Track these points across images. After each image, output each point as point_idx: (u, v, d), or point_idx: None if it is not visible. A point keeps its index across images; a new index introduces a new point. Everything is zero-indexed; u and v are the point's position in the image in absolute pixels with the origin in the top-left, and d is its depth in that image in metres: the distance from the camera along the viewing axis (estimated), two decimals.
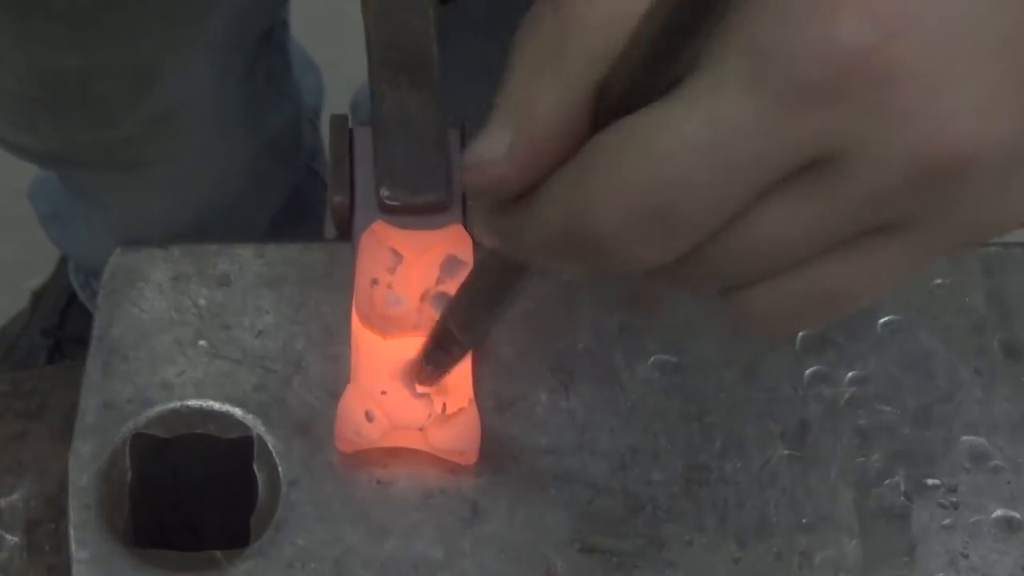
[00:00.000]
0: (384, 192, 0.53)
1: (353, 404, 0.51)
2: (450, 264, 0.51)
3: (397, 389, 0.50)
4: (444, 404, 0.50)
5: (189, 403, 0.52)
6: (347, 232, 0.55)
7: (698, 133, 0.33)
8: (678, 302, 0.56)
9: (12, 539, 0.53)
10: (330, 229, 0.75)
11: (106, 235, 0.98)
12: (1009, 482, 0.53)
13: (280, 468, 0.51)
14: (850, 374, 0.55)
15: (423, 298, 0.51)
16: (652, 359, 0.55)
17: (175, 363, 0.53)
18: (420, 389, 0.51)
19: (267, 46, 0.90)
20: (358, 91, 1.20)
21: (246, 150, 0.95)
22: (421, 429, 0.50)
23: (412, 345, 0.50)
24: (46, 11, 0.70)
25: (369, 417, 0.50)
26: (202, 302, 0.55)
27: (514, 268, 0.42)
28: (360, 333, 0.51)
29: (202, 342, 0.54)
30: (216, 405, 0.52)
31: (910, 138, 0.33)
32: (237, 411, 0.52)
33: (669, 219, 0.34)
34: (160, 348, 0.53)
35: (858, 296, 0.37)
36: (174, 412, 0.52)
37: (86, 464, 0.51)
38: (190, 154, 0.87)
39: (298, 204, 1.09)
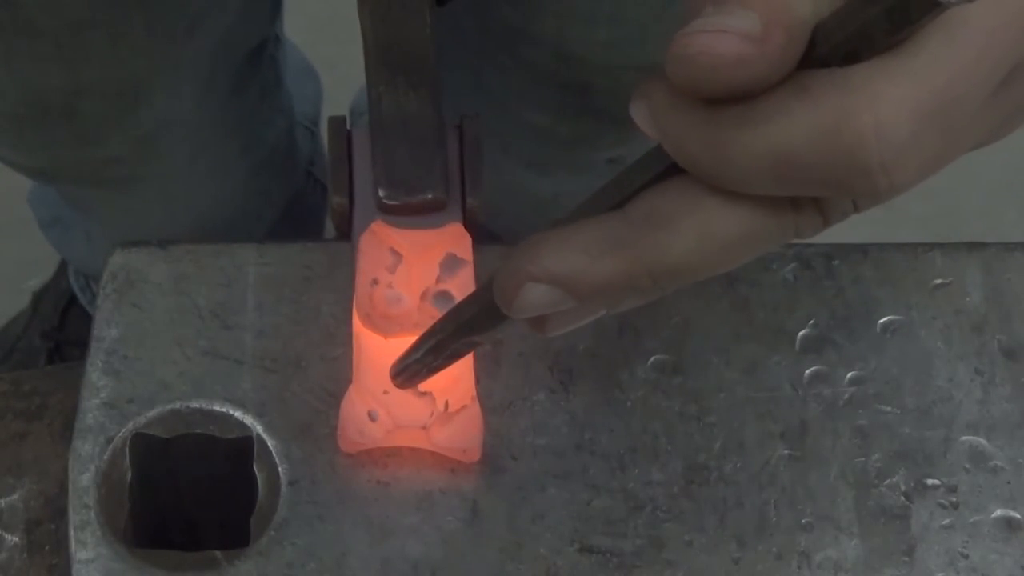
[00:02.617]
0: (383, 192, 0.53)
1: (356, 404, 0.51)
2: (450, 263, 0.51)
3: (400, 389, 0.50)
4: (447, 402, 0.50)
5: (189, 403, 0.52)
6: (347, 232, 0.55)
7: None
8: (678, 302, 0.56)
9: (12, 539, 0.53)
10: (330, 231, 0.74)
11: (104, 243, 0.98)
12: (1009, 482, 0.53)
13: (280, 468, 0.51)
14: (850, 374, 0.55)
15: (424, 297, 0.51)
16: (652, 359, 0.55)
17: (175, 363, 0.53)
18: (422, 388, 0.51)
19: (258, 62, 0.89)
20: (356, 99, 1.20)
21: (241, 165, 0.94)
22: (424, 428, 0.50)
23: None
24: (30, 29, 0.70)
25: (372, 417, 0.50)
26: (202, 302, 0.55)
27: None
28: (361, 333, 0.51)
29: (202, 342, 0.54)
30: (216, 405, 0.52)
31: None
32: (237, 411, 0.52)
33: (951, 121, 0.34)
34: (160, 348, 0.53)
35: None
36: (174, 412, 0.52)
37: (86, 464, 0.51)
38: (181, 171, 0.87)
39: (298, 210, 1.09)
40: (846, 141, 0.33)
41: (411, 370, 0.48)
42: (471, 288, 0.51)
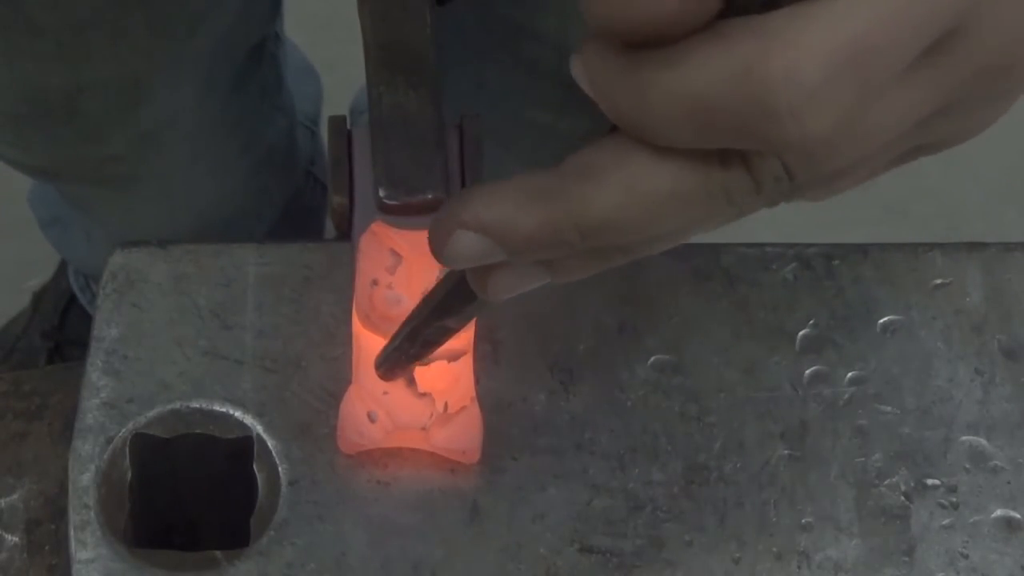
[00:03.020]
0: (383, 192, 0.53)
1: (355, 405, 0.51)
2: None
3: (399, 389, 0.50)
4: (446, 404, 0.50)
5: (189, 403, 0.52)
6: (347, 232, 0.55)
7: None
8: (678, 302, 0.56)
9: (12, 539, 0.53)
10: (330, 231, 0.74)
11: (103, 243, 0.98)
12: (1009, 482, 0.53)
13: (280, 468, 0.51)
14: (850, 374, 0.55)
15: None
16: (652, 359, 0.55)
17: (175, 363, 0.53)
18: (421, 389, 0.51)
19: (258, 60, 0.89)
20: (356, 99, 1.20)
21: (241, 164, 0.94)
22: (424, 429, 0.50)
23: None
24: (31, 28, 0.70)
25: (372, 418, 0.50)
26: (202, 302, 0.55)
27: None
28: (361, 334, 0.51)
29: (202, 342, 0.54)
30: (216, 405, 0.52)
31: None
32: (237, 411, 0.52)
33: (865, 72, 0.33)
34: (160, 348, 0.53)
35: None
36: (174, 412, 0.52)
37: (86, 464, 0.51)
38: (182, 169, 0.87)
39: (298, 210, 1.09)
40: (756, 84, 0.33)
41: (391, 359, 0.48)
42: None
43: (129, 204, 0.90)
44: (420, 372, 0.50)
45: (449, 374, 0.51)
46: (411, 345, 0.47)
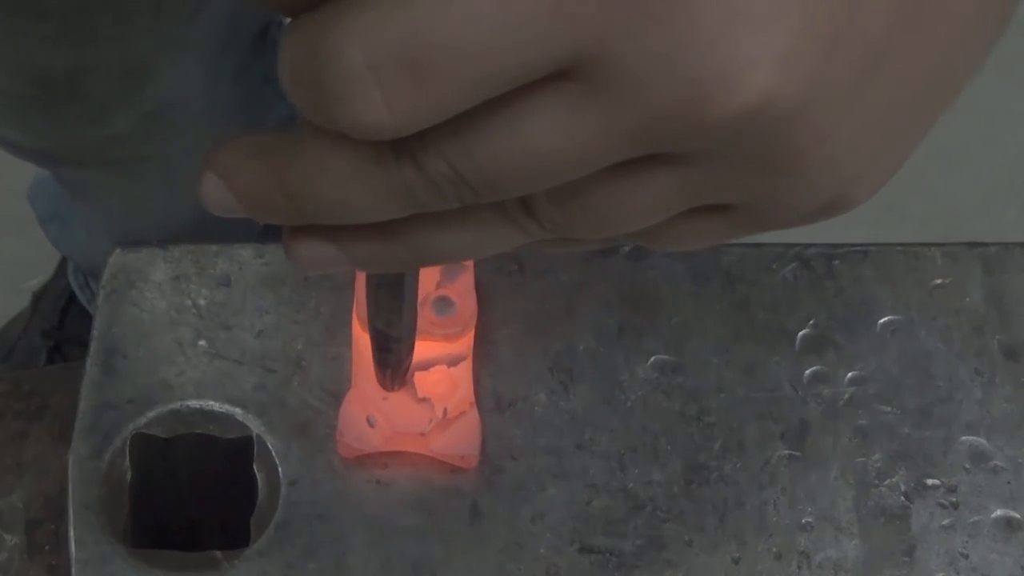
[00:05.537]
0: None
1: (355, 410, 0.51)
2: (450, 268, 0.51)
3: (398, 395, 0.50)
4: (445, 409, 0.50)
5: (189, 403, 0.52)
6: None
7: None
8: (678, 302, 0.56)
9: (12, 539, 0.53)
10: None
11: (104, 237, 0.98)
12: (1009, 482, 0.53)
13: (280, 468, 0.51)
14: (850, 374, 0.55)
15: (424, 303, 0.51)
16: (652, 359, 0.55)
17: (175, 363, 0.53)
18: (421, 394, 0.51)
19: (262, 45, 0.90)
20: None
21: None
22: (423, 434, 0.50)
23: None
24: (37, 9, 0.70)
25: (371, 423, 0.50)
26: (202, 302, 0.55)
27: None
28: (361, 339, 0.51)
29: (202, 342, 0.54)
30: (216, 405, 0.52)
31: (685, 67, 0.30)
32: (237, 411, 0.52)
33: (423, 70, 0.30)
34: (160, 348, 0.54)
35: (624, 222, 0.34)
36: (174, 412, 0.52)
37: (86, 464, 0.51)
38: (184, 153, 0.87)
39: None
40: (312, 63, 0.32)
41: (376, 368, 0.47)
42: (471, 293, 0.51)
43: (130, 189, 0.91)
44: (420, 377, 0.50)
45: (449, 379, 0.51)
46: (380, 353, 0.45)
